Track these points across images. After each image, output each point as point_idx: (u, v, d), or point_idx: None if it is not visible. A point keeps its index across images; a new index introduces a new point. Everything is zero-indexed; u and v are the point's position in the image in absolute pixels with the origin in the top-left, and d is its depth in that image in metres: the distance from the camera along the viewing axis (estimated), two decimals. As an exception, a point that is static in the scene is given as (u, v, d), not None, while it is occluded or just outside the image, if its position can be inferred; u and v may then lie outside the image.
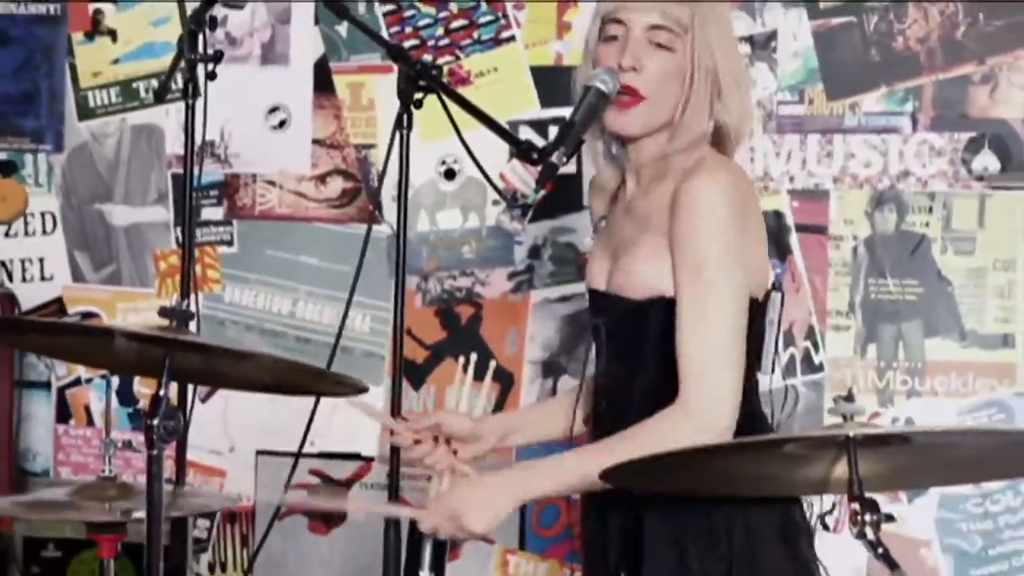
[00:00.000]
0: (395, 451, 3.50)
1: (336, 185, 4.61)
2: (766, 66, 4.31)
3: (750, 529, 2.97)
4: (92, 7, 4.71)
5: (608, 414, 3.03)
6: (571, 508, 4.30)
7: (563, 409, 3.35)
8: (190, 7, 4.53)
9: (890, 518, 2.56)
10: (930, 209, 4.26)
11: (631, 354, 3.01)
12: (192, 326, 2.89)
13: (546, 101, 4.48)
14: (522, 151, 3.24)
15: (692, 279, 2.88)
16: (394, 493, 3.44)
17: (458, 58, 4.49)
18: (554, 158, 3.04)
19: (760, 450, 2.64)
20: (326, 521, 4.54)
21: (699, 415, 2.83)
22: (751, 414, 2.96)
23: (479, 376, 3.62)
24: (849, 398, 2.61)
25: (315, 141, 4.61)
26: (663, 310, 2.94)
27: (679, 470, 2.65)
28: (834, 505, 3.99)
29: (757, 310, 2.97)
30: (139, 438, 4.51)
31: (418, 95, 3.44)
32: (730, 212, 2.89)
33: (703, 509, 2.93)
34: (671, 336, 2.90)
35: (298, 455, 3.75)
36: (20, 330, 3.88)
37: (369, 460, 4.53)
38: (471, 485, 3.10)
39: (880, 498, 2.51)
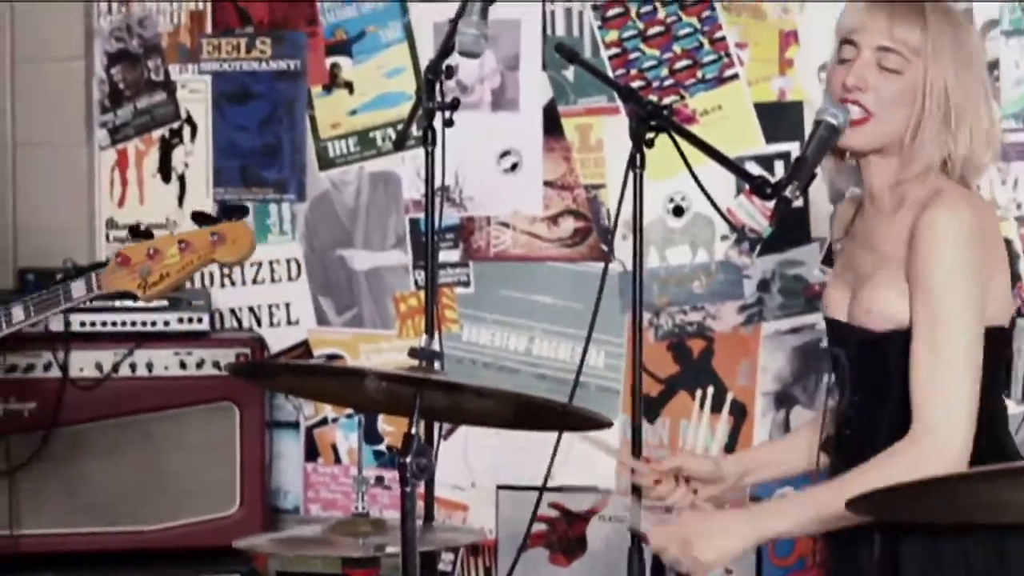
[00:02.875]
0: (635, 486, 3.51)
1: (568, 225, 4.62)
2: (990, 95, 4.26)
3: (1004, 555, 2.92)
4: (329, 61, 4.79)
5: (853, 443, 2.99)
6: (807, 538, 4.27)
7: (800, 445, 3.32)
8: (422, 58, 4.64)
9: None
10: None
11: (875, 385, 2.97)
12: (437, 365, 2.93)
13: (770, 136, 4.48)
14: (756, 186, 3.23)
15: (928, 312, 2.84)
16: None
17: (683, 97, 4.50)
18: (788, 192, 3.03)
19: (1008, 477, 2.59)
20: (567, 553, 4.54)
21: (933, 446, 2.79)
22: (998, 441, 2.92)
23: (715, 409, 3.62)
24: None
25: (546, 183, 4.64)
26: (904, 343, 2.91)
27: (925, 499, 2.62)
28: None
29: (1003, 338, 2.92)
30: (387, 474, 4.57)
31: (650, 135, 3.45)
32: (969, 246, 2.84)
33: (959, 538, 2.89)
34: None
35: (543, 489, 3.77)
36: (275, 373, 3.98)
37: (606, 492, 4.52)
38: (710, 516, 3.08)
39: None
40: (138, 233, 3.32)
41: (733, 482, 3.30)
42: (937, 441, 2.80)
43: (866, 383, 2.99)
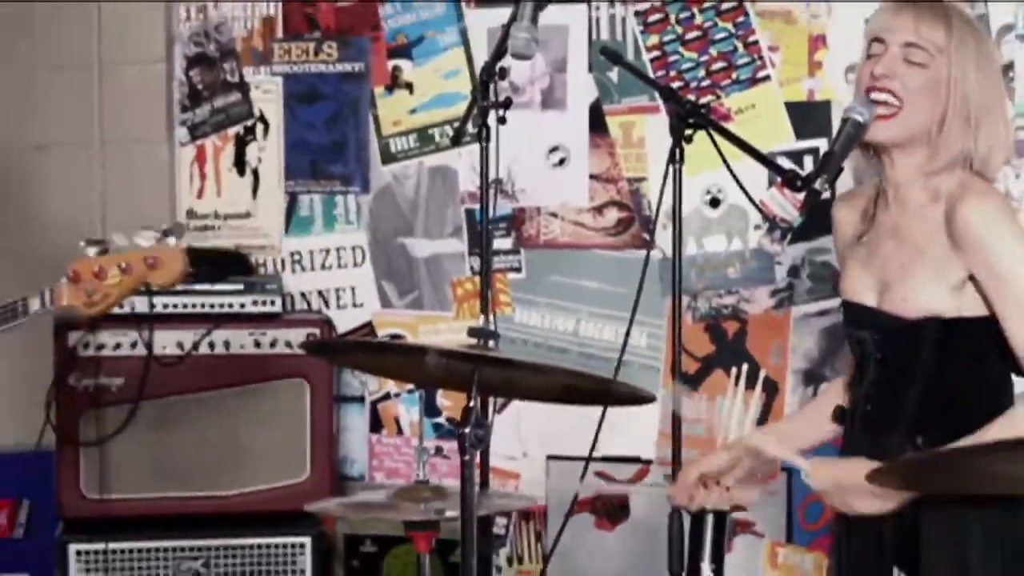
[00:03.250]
0: (676, 455, 3.52)
1: (611, 215, 4.62)
2: (1004, 95, 4.24)
3: (1016, 521, 2.93)
4: (391, 64, 4.79)
5: (875, 418, 3.00)
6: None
7: (817, 418, 3.33)
8: (477, 61, 4.65)
9: None
10: None
11: (902, 368, 2.98)
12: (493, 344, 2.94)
13: (800, 133, 4.45)
14: (788, 179, 3.24)
15: (1009, 294, 2.89)
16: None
17: (719, 97, 4.49)
18: (817, 185, 3.03)
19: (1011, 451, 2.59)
20: (611, 519, 4.55)
21: None
22: (1004, 407, 2.93)
23: (748, 385, 3.62)
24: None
25: (592, 176, 4.63)
26: (936, 330, 2.92)
27: (943, 473, 2.63)
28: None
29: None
30: (445, 445, 4.60)
31: (688, 131, 3.47)
32: (1012, 222, 2.89)
33: (981, 508, 2.89)
34: (943, 353, 2.91)
35: (589, 459, 3.78)
36: (343, 351, 4.00)
37: (648, 463, 4.52)
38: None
39: None
40: (93, 242, 3.21)
41: (754, 456, 3.31)
42: None
43: (892, 365, 3.00)
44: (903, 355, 2.98)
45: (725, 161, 3.47)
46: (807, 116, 4.45)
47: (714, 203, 4.51)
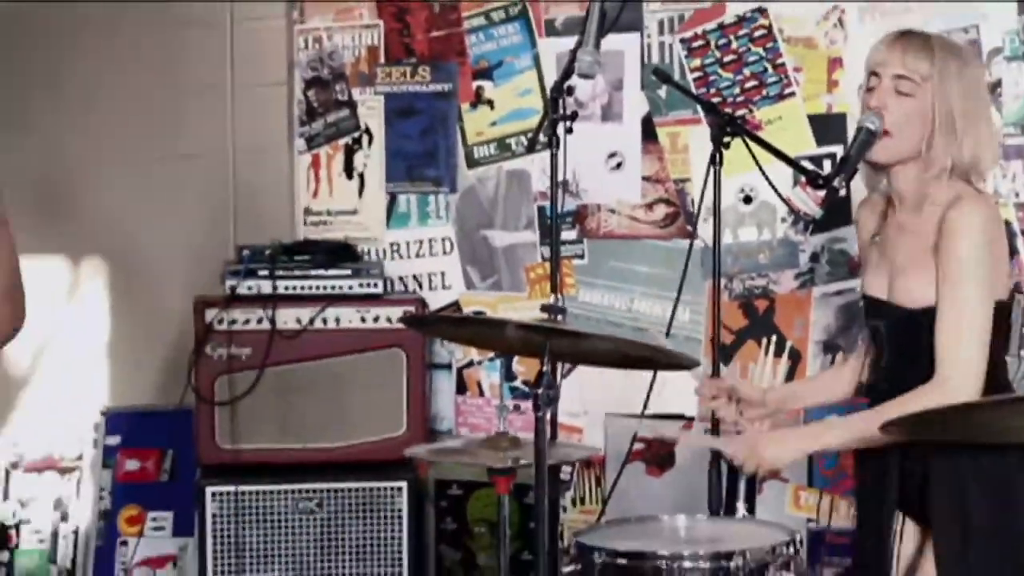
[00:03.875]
0: (714, 415, 3.53)
1: (660, 210, 4.62)
2: (993, 107, 4.20)
3: (1009, 469, 2.93)
4: (475, 84, 4.79)
5: (888, 393, 3.00)
6: (848, 454, 4.27)
7: (837, 380, 3.35)
8: (547, 81, 4.65)
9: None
10: None
11: (909, 350, 2.98)
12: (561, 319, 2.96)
13: (820, 141, 4.44)
14: (811, 179, 3.25)
15: (952, 288, 2.89)
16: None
17: (751, 110, 4.48)
18: (835, 183, 3.04)
19: (1005, 406, 2.60)
20: (660, 466, 4.55)
21: (954, 388, 2.83)
22: (999, 383, 2.95)
23: (776, 354, 3.63)
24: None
25: (644, 178, 4.63)
26: (934, 318, 2.93)
27: (946, 424, 2.63)
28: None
29: (1005, 307, 2.95)
30: (520, 403, 4.58)
31: (727, 139, 3.47)
32: (984, 237, 2.89)
33: (979, 456, 2.91)
34: None
35: (642, 416, 3.79)
36: (434, 324, 4.03)
37: (691, 419, 4.51)
38: (774, 431, 3.15)
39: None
40: None
41: (773, 409, 3.34)
42: (955, 384, 2.84)
43: (901, 349, 3.01)
44: (911, 340, 2.98)
45: (758, 164, 3.48)
46: (826, 126, 4.44)
47: (747, 200, 4.51)
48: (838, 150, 4.37)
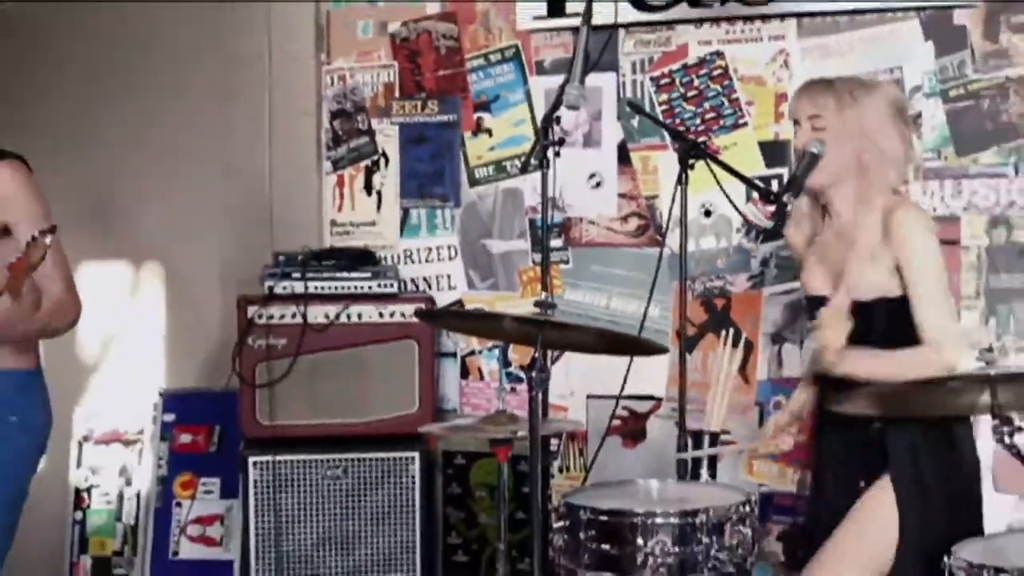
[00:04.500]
0: (681, 394, 3.52)
1: (633, 223, 4.61)
2: (915, 135, 4.19)
3: (953, 438, 2.94)
4: (476, 115, 4.77)
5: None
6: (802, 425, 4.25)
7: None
8: (537, 112, 4.65)
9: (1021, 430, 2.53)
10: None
11: (862, 338, 2.98)
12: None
13: (768, 164, 4.42)
14: (763, 195, 3.26)
15: (923, 278, 2.92)
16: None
17: (710, 137, 4.46)
18: (785, 199, 3.05)
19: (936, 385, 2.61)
20: (634, 439, 4.53)
21: (949, 352, 2.89)
22: None
23: (733, 344, 3.62)
24: (990, 350, 2.57)
25: (619, 195, 4.61)
26: (885, 306, 2.93)
27: (908, 400, 2.65)
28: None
29: None
30: (515, 386, 4.59)
31: (692, 161, 3.47)
32: (932, 230, 2.95)
33: (932, 427, 2.93)
34: (892, 323, 2.94)
35: (619, 396, 3.78)
36: (443, 318, 4.01)
37: (659, 400, 4.50)
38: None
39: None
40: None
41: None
42: (949, 349, 2.90)
43: (853, 337, 2.99)
44: (863, 328, 2.97)
45: (719, 182, 3.48)
46: (774, 151, 4.42)
47: (707, 214, 4.50)
48: (783, 172, 4.36)
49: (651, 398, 4.49)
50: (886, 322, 2.94)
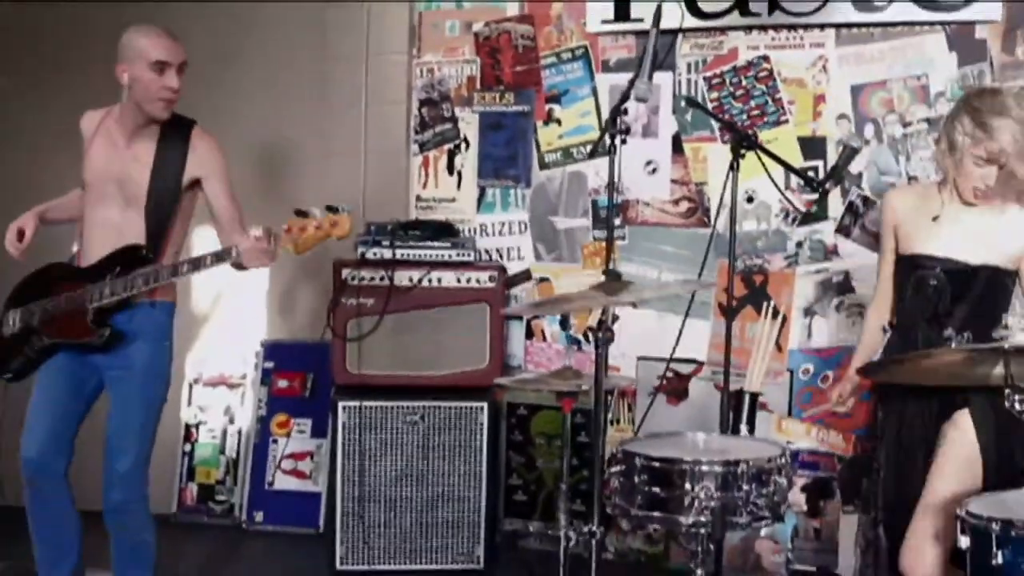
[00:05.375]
0: (727, 359, 3.53)
1: (684, 205, 4.62)
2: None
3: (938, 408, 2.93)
4: (548, 107, 4.78)
5: (939, 326, 3.02)
6: (821, 394, 4.26)
7: (874, 335, 3.28)
8: (603, 106, 4.65)
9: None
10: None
11: (959, 295, 2.99)
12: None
13: (806, 157, 4.41)
14: (808, 182, 3.25)
15: None
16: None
17: (755, 133, 4.45)
18: (827, 187, 3.05)
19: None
20: (678, 397, 4.54)
21: None
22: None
23: (773, 316, 3.62)
24: (1006, 327, 2.58)
25: (673, 180, 4.62)
26: (988, 272, 2.97)
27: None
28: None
29: None
30: (575, 347, 4.61)
31: (743, 151, 3.47)
32: None
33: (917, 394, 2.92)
34: (986, 288, 2.97)
35: (669, 359, 3.78)
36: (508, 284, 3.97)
37: (701, 363, 4.52)
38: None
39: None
40: (299, 212, 3.27)
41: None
42: None
43: (953, 294, 2.98)
44: (960, 288, 2.98)
45: (767, 170, 3.48)
46: (811, 146, 4.41)
47: (749, 200, 4.50)
48: (820, 164, 4.35)
49: (694, 361, 4.51)
50: (983, 286, 2.94)
